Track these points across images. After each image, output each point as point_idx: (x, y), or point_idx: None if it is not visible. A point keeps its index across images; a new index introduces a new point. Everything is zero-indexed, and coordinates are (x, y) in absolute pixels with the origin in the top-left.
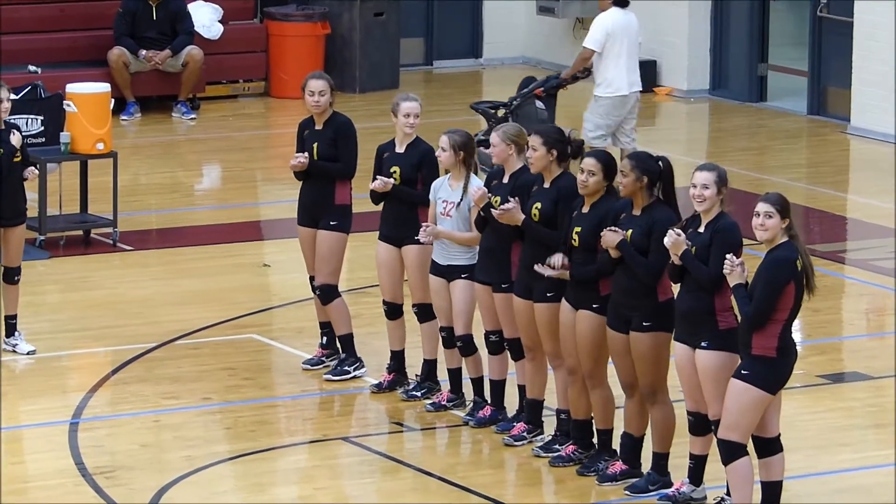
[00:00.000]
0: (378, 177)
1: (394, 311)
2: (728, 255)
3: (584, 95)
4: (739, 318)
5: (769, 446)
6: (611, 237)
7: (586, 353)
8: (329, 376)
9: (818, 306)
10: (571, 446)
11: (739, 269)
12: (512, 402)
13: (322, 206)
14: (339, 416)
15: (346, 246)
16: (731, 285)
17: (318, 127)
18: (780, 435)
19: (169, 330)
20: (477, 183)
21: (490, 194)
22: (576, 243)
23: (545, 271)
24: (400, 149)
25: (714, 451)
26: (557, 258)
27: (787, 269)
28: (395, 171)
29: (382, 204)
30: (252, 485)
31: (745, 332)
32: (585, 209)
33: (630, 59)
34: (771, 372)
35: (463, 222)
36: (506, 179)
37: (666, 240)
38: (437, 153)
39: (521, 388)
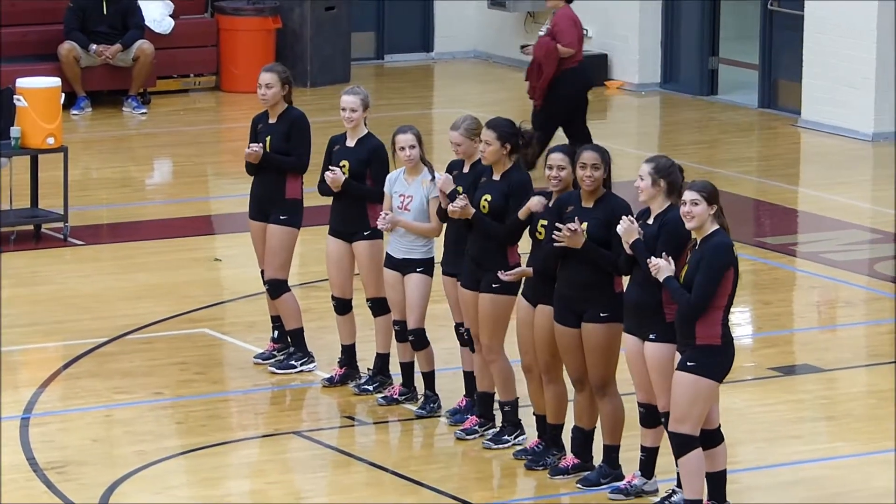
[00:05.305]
0: (330, 167)
1: (343, 306)
2: (650, 259)
3: None
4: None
5: (712, 438)
6: (631, 229)
7: (545, 348)
8: (273, 369)
9: (769, 298)
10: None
11: (664, 263)
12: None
13: (273, 200)
14: (291, 411)
15: (296, 240)
16: (661, 280)
17: (272, 120)
18: (720, 425)
19: (120, 324)
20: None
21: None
22: (541, 237)
23: (506, 277)
24: (350, 143)
25: (665, 443)
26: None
27: (727, 254)
28: (343, 165)
29: (332, 199)
30: (204, 479)
31: (686, 324)
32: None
33: None
34: (717, 360)
35: (420, 216)
36: (466, 169)
37: (619, 227)
38: (406, 152)
39: (468, 375)
